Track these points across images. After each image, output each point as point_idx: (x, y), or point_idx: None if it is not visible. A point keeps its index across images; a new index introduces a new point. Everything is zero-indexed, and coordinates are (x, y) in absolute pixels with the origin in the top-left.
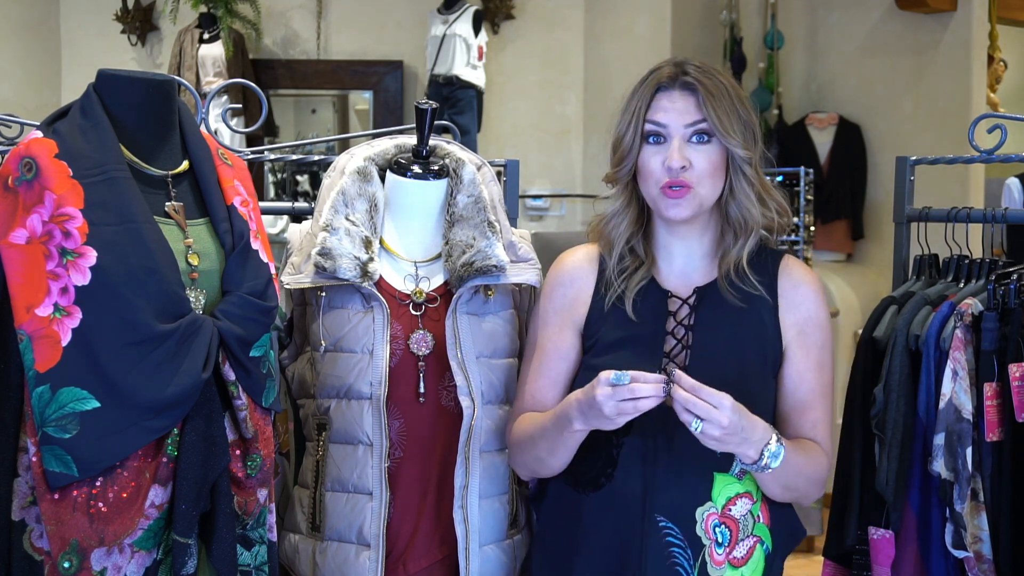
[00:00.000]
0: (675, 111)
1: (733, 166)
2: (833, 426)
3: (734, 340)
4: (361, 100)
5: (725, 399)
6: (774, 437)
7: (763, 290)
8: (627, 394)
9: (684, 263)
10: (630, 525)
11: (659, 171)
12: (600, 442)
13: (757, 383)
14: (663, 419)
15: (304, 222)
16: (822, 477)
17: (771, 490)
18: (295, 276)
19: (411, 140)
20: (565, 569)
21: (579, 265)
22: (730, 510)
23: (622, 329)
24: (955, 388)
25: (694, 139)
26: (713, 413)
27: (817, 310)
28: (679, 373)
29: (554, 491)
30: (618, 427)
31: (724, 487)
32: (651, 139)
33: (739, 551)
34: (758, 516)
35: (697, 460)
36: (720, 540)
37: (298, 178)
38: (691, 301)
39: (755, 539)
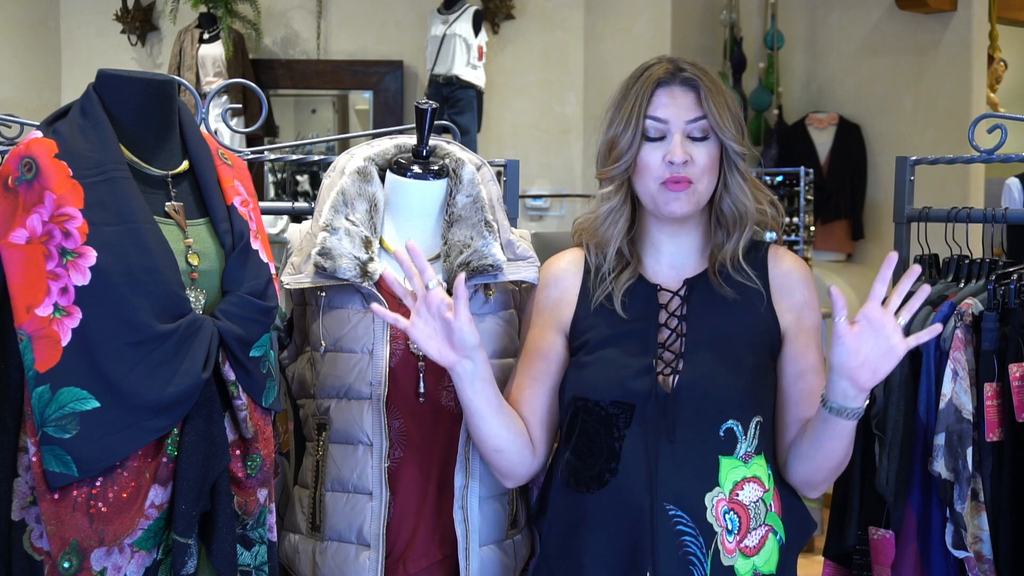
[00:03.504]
0: (676, 106)
1: (727, 161)
2: None
3: (729, 326)
4: (361, 100)
5: None
6: None
7: (758, 281)
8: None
9: (672, 259)
10: (639, 517)
11: (659, 167)
12: (600, 437)
13: (755, 366)
14: (662, 407)
15: (304, 222)
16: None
17: (840, 452)
18: (295, 276)
19: (411, 140)
20: (575, 574)
21: (564, 268)
22: (737, 495)
23: (612, 327)
24: (955, 388)
25: (693, 135)
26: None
27: (810, 294)
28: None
29: (556, 499)
30: (415, 344)
31: (731, 470)
32: (651, 135)
33: (751, 540)
34: (770, 505)
35: (700, 444)
36: (730, 527)
37: (298, 178)
38: (682, 292)
39: (767, 528)
